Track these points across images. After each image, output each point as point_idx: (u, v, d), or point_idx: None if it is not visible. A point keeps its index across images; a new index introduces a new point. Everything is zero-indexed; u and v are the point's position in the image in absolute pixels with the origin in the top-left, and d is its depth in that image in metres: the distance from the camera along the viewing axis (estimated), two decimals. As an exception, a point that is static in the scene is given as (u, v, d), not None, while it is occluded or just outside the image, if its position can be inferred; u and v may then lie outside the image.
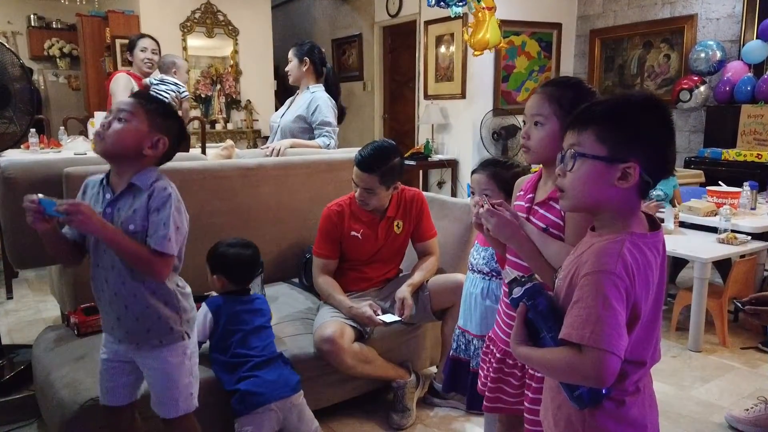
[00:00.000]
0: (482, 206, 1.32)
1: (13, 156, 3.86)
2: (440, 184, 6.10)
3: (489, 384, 1.40)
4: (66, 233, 1.50)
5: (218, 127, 6.69)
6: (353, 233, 2.22)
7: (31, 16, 7.77)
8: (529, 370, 1.31)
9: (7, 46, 2.39)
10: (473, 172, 1.76)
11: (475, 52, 5.16)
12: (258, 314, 1.92)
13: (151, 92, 3.45)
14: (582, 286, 0.96)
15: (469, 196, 1.77)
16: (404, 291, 2.14)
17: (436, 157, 5.90)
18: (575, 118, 1.04)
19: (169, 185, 1.45)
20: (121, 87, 3.55)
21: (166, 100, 1.56)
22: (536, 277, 1.06)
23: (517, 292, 1.04)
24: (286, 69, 3.12)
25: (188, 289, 1.55)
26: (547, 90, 1.34)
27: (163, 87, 3.63)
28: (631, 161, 0.98)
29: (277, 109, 7.05)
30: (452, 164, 5.92)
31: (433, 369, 2.44)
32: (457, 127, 5.98)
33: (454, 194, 5.88)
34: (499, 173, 1.70)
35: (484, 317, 1.66)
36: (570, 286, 1.00)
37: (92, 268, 1.50)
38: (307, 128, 3.07)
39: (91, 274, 1.52)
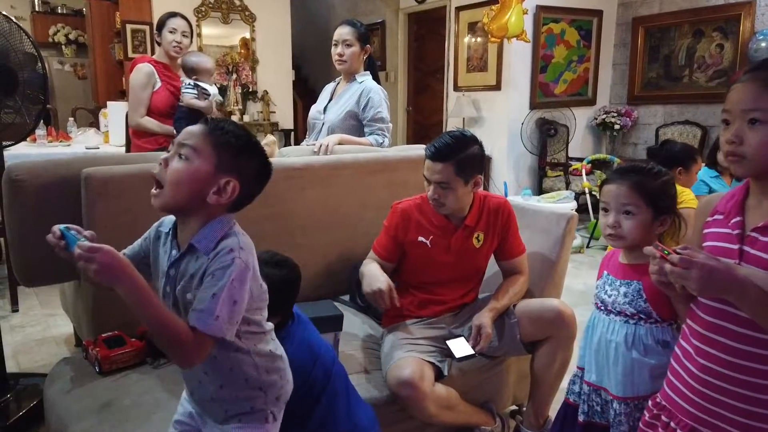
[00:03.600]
0: (661, 257, 0.97)
1: (19, 150, 3.50)
2: (471, 182, 5.74)
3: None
4: (125, 253, 1.16)
5: (234, 119, 6.31)
6: (420, 239, 1.86)
7: (36, 0, 7.38)
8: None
9: (19, 25, 2.03)
10: (605, 183, 1.38)
11: (492, 38, 4.79)
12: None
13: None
14: None
15: (603, 211, 1.39)
16: (484, 317, 1.77)
17: (468, 153, 5.52)
18: None
19: (237, 244, 1.05)
20: (140, 83, 2.98)
21: (239, 126, 1.11)
22: None
23: None
24: (340, 53, 2.65)
25: (281, 351, 1.19)
26: (761, 75, 0.97)
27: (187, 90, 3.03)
28: None
29: (295, 102, 6.78)
30: (485, 161, 5.55)
31: (512, 407, 2.08)
32: (491, 121, 5.60)
33: (486, 193, 5.52)
34: (645, 183, 1.33)
35: (630, 374, 1.29)
36: None
37: None
38: (358, 126, 2.67)
39: None
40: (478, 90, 5.66)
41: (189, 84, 3.00)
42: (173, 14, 3.08)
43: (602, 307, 1.37)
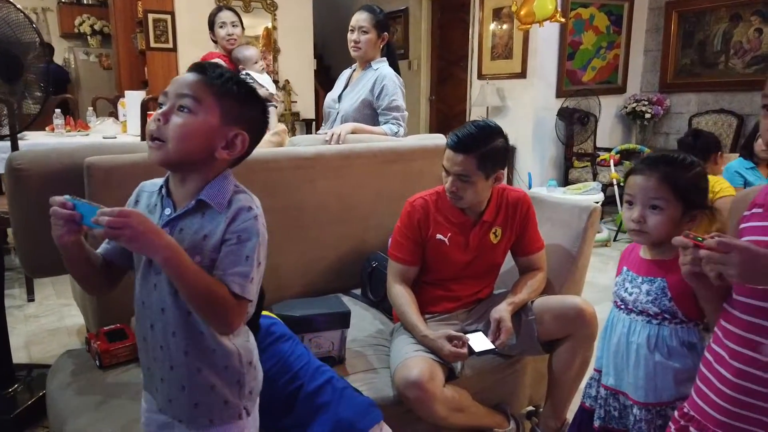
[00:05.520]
0: (694, 245, 0.88)
1: (37, 139, 3.51)
2: (495, 173, 5.61)
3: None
4: (100, 250, 1.08)
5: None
6: (439, 236, 1.77)
7: (62, -9, 7.46)
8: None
9: (29, 17, 1.99)
10: (631, 173, 1.28)
11: (520, 26, 4.64)
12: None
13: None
14: None
15: (627, 204, 1.29)
16: (503, 310, 1.68)
17: (491, 143, 5.38)
18: None
19: (253, 202, 1.01)
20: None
21: (236, 73, 1.02)
22: None
23: None
24: (355, 39, 2.56)
25: (253, 343, 1.12)
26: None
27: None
28: None
29: (316, 91, 6.70)
30: (509, 155, 5.42)
31: (528, 408, 1.99)
32: (516, 110, 5.45)
33: (510, 185, 5.38)
34: (676, 175, 1.22)
35: (652, 378, 1.19)
36: None
37: (136, 304, 1.08)
38: (374, 115, 2.58)
39: (135, 313, 1.09)
40: (503, 78, 5.52)
41: (243, 76, 2.97)
42: (219, 8, 3.16)
43: (622, 306, 1.27)
